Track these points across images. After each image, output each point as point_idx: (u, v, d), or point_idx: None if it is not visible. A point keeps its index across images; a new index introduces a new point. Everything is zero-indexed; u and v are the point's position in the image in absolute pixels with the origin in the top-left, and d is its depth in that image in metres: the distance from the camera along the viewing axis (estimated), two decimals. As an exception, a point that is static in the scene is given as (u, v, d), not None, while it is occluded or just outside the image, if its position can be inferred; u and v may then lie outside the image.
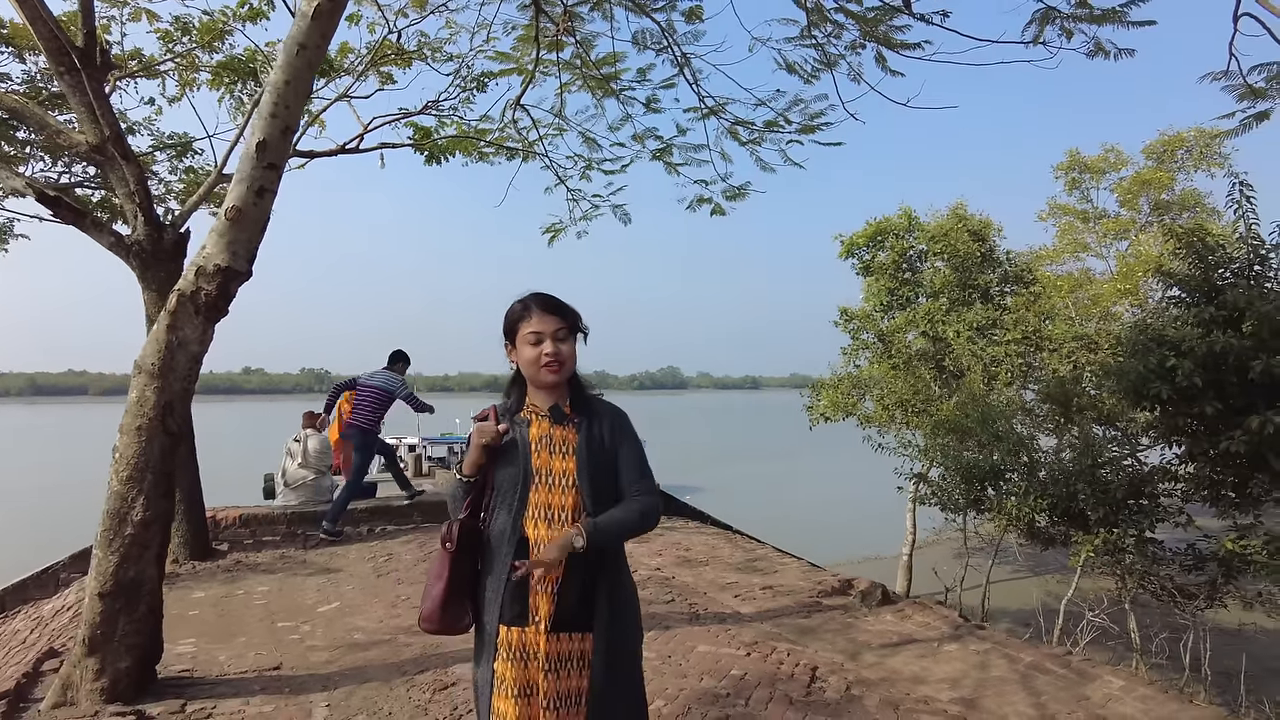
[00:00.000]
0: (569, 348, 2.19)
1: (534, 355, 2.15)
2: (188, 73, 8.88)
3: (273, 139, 4.08)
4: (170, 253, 6.94)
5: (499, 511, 2.14)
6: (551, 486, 2.12)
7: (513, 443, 2.16)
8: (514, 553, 2.07)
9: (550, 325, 2.16)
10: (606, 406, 2.29)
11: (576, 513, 2.11)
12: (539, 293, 2.24)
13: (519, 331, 2.19)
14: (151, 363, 3.92)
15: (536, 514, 2.10)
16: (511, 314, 2.23)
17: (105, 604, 3.84)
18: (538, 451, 2.15)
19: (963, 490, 10.92)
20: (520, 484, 2.12)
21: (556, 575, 2.06)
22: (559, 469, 2.13)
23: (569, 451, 2.16)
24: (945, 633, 5.22)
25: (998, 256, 15.66)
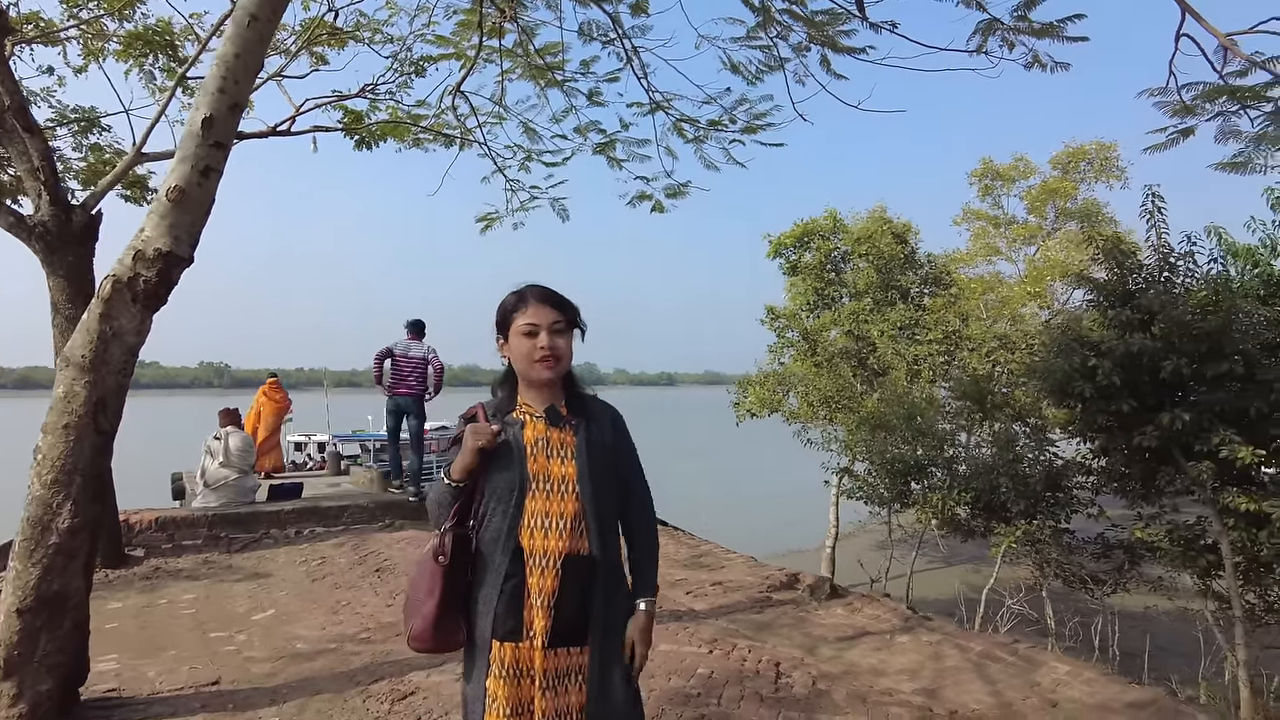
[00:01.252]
0: (566, 343, 2.05)
1: (528, 349, 2.01)
2: (94, 41, 8.24)
3: (220, 115, 3.80)
4: (80, 236, 6.40)
5: (491, 519, 1.99)
6: (550, 493, 1.97)
7: (506, 445, 2.00)
8: (508, 562, 1.93)
9: (547, 317, 2.02)
10: (603, 407, 2.17)
11: (576, 521, 1.97)
12: (536, 284, 2.09)
13: (512, 323, 2.04)
14: (82, 355, 3.58)
15: (533, 522, 1.96)
16: (505, 305, 2.08)
17: (25, 621, 3.48)
18: (534, 455, 1.99)
19: (888, 485, 11.28)
20: (516, 490, 1.96)
21: (553, 588, 1.93)
22: (558, 474, 1.99)
23: (568, 456, 2.01)
24: (896, 625, 5.34)
25: (919, 258, 16.28)
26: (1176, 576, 8.73)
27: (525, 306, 2.04)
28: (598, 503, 2.00)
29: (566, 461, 2.00)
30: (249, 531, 7.48)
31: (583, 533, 1.97)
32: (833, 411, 14.67)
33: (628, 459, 2.15)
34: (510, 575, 1.93)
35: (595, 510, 1.99)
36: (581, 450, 2.02)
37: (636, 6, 7.22)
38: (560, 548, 1.94)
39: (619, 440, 2.12)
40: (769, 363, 17.25)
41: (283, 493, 8.57)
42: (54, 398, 3.60)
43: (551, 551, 1.93)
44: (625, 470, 2.12)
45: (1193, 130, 5.53)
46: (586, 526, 1.97)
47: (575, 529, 1.96)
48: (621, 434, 2.15)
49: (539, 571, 1.92)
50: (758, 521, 21.09)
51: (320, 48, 7.98)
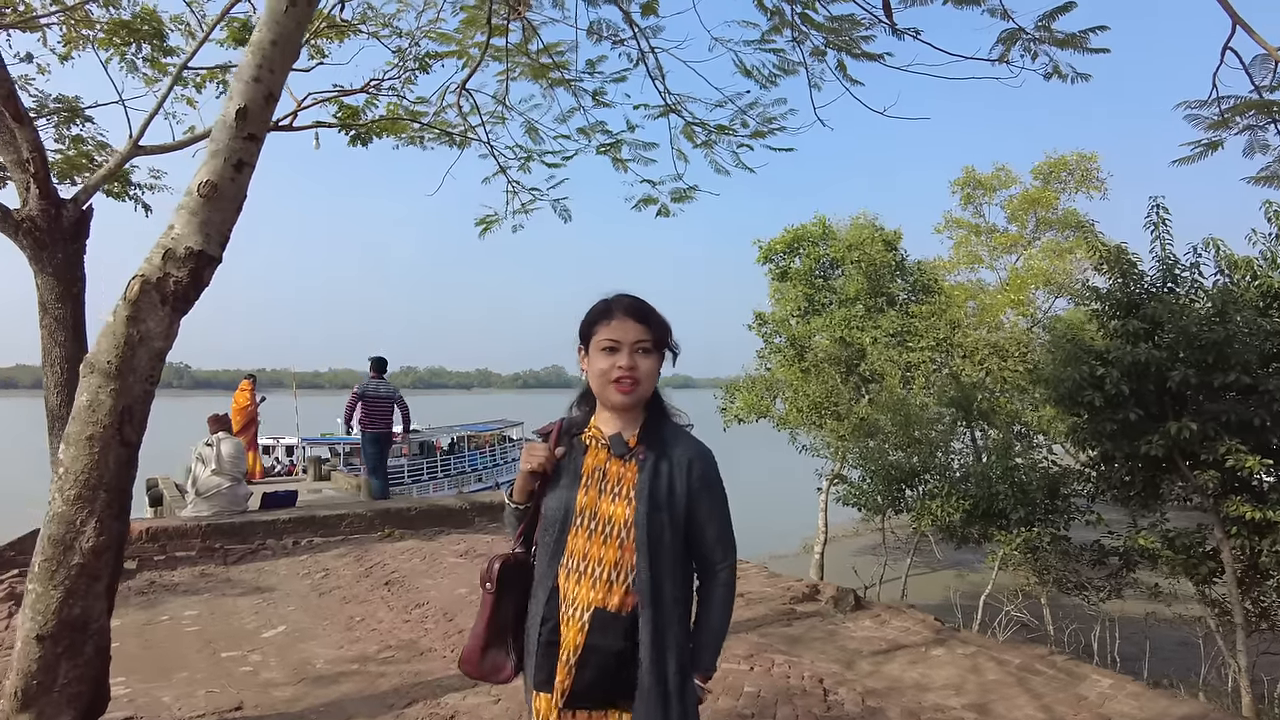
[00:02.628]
0: (650, 365, 1.77)
1: (605, 367, 1.75)
2: (76, 28, 7.87)
3: (255, 106, 3.58)
4: (70, 232, 6.09)
5: (541, 552, 1.81)
6: (592, 534, 1.72)
7: (566, 470, 1.79)
8: (545, 604, 1.74)
9: (631, 334, 1.75)
10: (687, 444, 1.82)
11: (617, 570, 1.69)
12: (626, 294, 1.84)
13: (594, 335, 1.80)
14: (107, 361, 3.33)
15: (570, 563, 1.73)
16: (590, 313, 1.84)
17: (45, 648, 3.23)
18: (586, 487, 1.76)
19: (882, 491, 11.28)
20: (559, 523, 1.75)
21: (577, 643, 1.69)
22: (605, 514, 1.73)
23: (622, 494, 1.74)
24: (928, 637, 5.26)
25: (907, 266, 16.39)
26: (1176, 583, 8.82)
27: (609, 319, 1.78)
28: (651, 556, 1.70)
29: (618, 500, 1.73)
30: (245, 542, 7.17)
31: (626, 588, 1.70)
32: (822, 417, 14.68)
33: (712, 514, 1.80)
34: (547, 619, 1.74)
35: (647, 563, 1.69)
36: (642, 491, 1.73)
37: (647, 7, 7.09)
38: (591, 599, 1.69)
39: (701, 487, 1.78)
40: (756, 368, 17.24)
41: (276, 501, 8.26)
42: (77, 406, 3.35)
43: (581, 601, 1.70)
44: (708, 528, 1.79)
45: (1221, 143, 5.55)
46: (634, 581, 1.69)
47: (615, 580, 1.70)
48: (706, 481, 1.80)
49: (567, 621, 1.71)
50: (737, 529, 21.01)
51: (319, 40, 7.71)
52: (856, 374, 15.43)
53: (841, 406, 14.50)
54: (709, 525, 1.81)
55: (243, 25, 7.44)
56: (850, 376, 15.44)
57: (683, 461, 1.79)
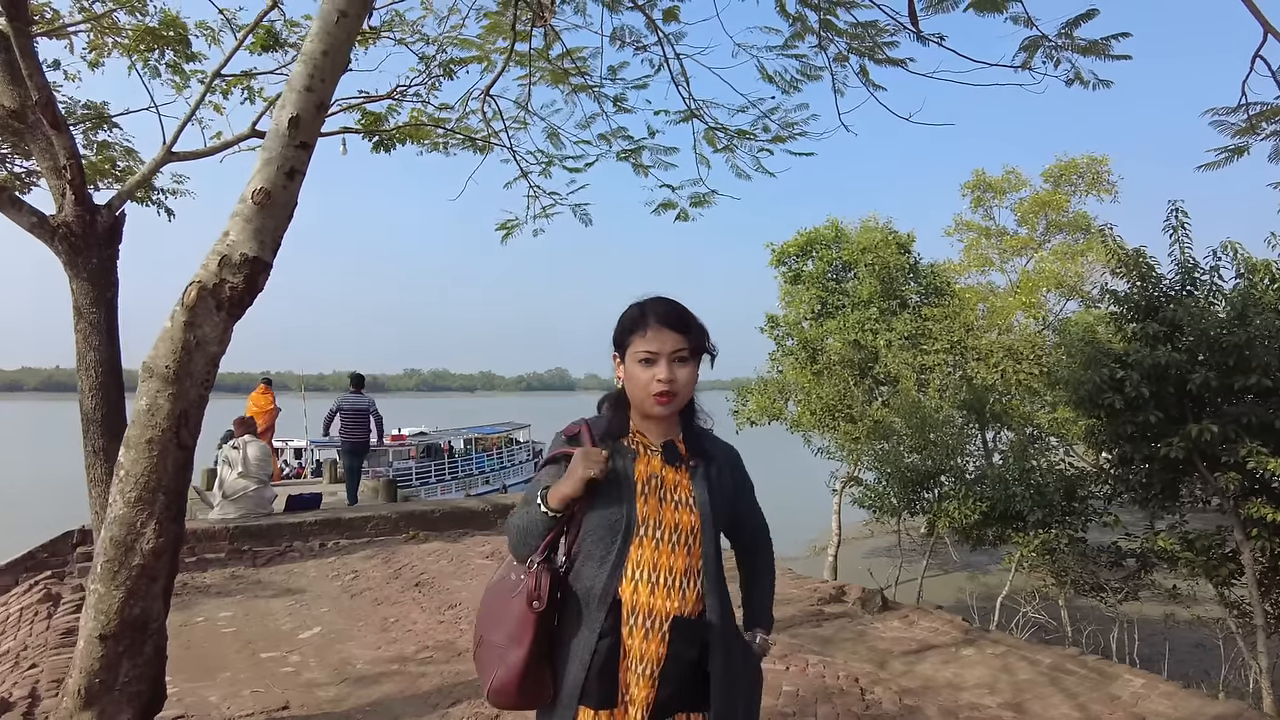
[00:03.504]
0: (688, 373, 1.76)
1: (644, 380, 1.73)
2: (102, 36, 7.95)
3: (306, 115, 3.63)
4: (105, 237, 6.14)
5: (587, 563, 1.71)
6: (660, 543, 1.70)
7: (613, 478, 1.72)
8: (604, 618, 1.66)
9: (669, 344, 1.72)
10: (724, 448, 1.91)
11: (687, 577, 1.70)
12: (661, 299, 1.81)
13: (630, 345, 1.76)
14: (165, 365, 3.40)
15: (638, 574, 1.68)
16: (625, 320, 1.80)
17: (107, 647, 3.29)
18: (645, 496, 1.73)
19: (898, 493, 11.32)
20: (621, 534, 1.69)
21: (659, 654, 1.66)
22: (670, 521, 1.72)
23: (683, 502, 1.75)
24: (958, 637, 5.31)
25: (920, 269, 16.44)
26: (1195, 585, 8.85)
27: (644, 330, 1.75)
28: (718, 560, 1.77)
29: (681, 508, 1.74)
30: (272, 544, 7.24)
31: (698, 593, 1.72)
32: (834, 420, 14.72)
33: (752, 508, 1.96)
34: (606, 633, 1.66)
35: (715, 568, 1.74)
36: (703, 499, 1.76)
37: (668, 13, 7.15)
38: (669, 608, 1.67)
39: (742, 487, 1.92)
40: (769, 370, 17.29)
41: (301, 503, 8.32)
42: (136, 410, 3.41)
43: (659, 612, 1.67)
44: (745, 515, 1.93)
45: (1247, 149, 5.60)
46: (703, 586, 1.72)
47: (687, 587, 1.70)
48: (741, 479, 1.92)
49: (642, 633, 1.66)
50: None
51: (346, 47, 7.77)
52: (870, 376, 15.47)
53: (855, 409, 14.54)
54: (751, 517, 1.96)
55: (268, 32, 7.52)
56: (863, 379, 15.48)
57: (726, 465, 1.86)
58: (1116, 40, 5.29)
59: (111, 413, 5.87)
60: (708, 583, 1.73)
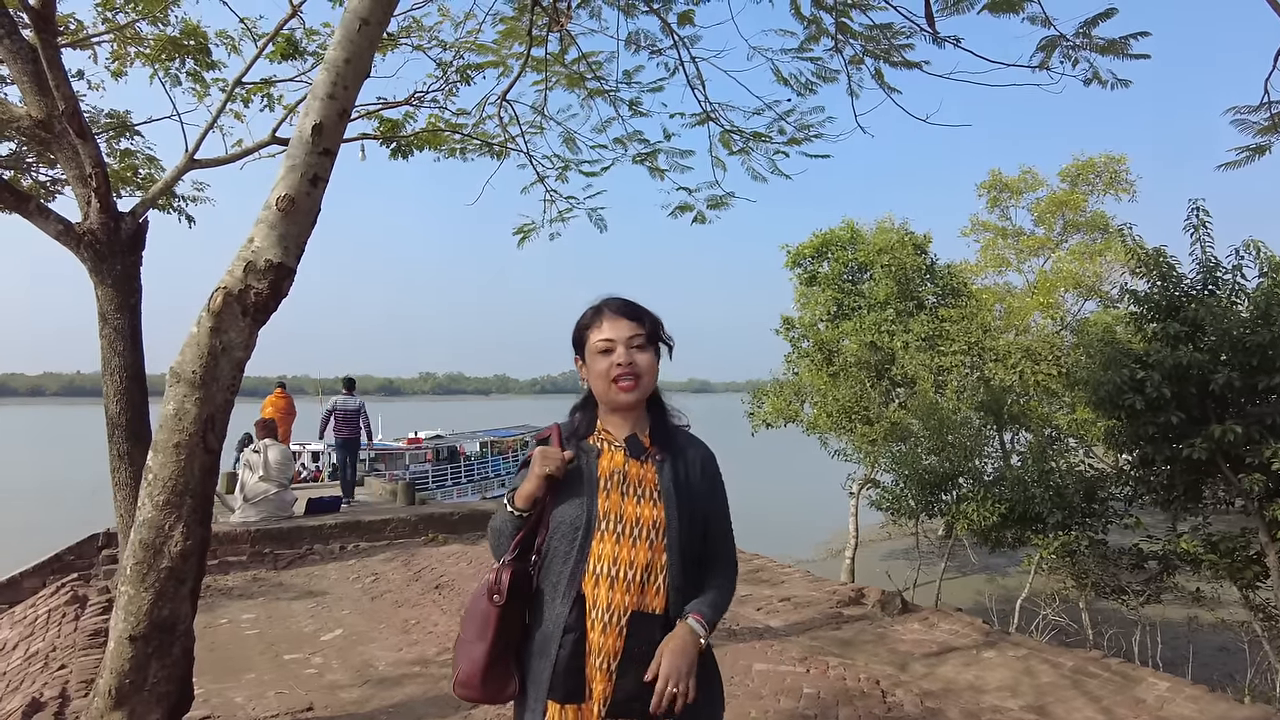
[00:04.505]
0: (647, 359, 1.79)
1: (605, 367, 1.77)
2: (125, 45, 8.07)
3: (329, 122, 3.68)
4: (128, 245, 6.23)
5: (553, 560, 1.74)
6: (620, 537, 1.70)
7: (577, 475, 1.76)
8: (569, 613, 1.68)
9: (623, 331, 1.78)
10: (694, 442, 1.89)
11: (649, 573, 1.70)
12: (614, 296, 1.87)
13: (588, 340, 1.81)
14: (192, 370, 3.45)
15: (598, 569, 1.69)
16: (581, 321, 1.86)
17: (137, 648, 3.34)
18: (606, 491, 1.74)
19: (916, 495, 11.26)
20: (582, 530, 1.71)
21: (616, 649, 1.67)
22: (631, 515, 1.72)
23: (646, 495, 1.75)
24: (979, 639, 5.28)
25: (937, 269, 16.35)
26: (1219, 588, 8.75)
27: (601, 321, 1.81)
28: (684, 555, 1.74)
29: (643, 501, 1.74)
30: (293, 547, 7.31)
31: (658, 589, 1.71)
32: (851, 422, 14.67)
33: (718, 512, 1.86)
34: (570, 628, 1.68)
35: (681, 563, 1.72)
36: (668, 491, 1.75)
37: (683, 16, 7.18)
38: (626, 603, 1.68)
39: (712, 486, 1.85)
40: (784, 372, 17.25)
41: (321, 506, 8.39)
42: (163, 415, 3.46)
43: (616, 606, 1.68)
44: (713, 524, 1.83)
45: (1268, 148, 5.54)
46: (664, 582, 1.71)
47: (647, 582, 1.70)
48: (713, 478, 1.86)
49: (600, 628, 1.67)
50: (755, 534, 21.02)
51: (363, 54, 7.85)
52: (887, 378, 15.40)
53: (871, 411, 14.48)
54: (719, 522, 1.86)
55: (288, 40, 7.60)
56: (880, 381, 15.42)
57: (695, 460, 1.84)
58: (1135, 39, 5.27)
59: (135, 417, 5.94)
60: (673, 579, 1.72)
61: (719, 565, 1.85)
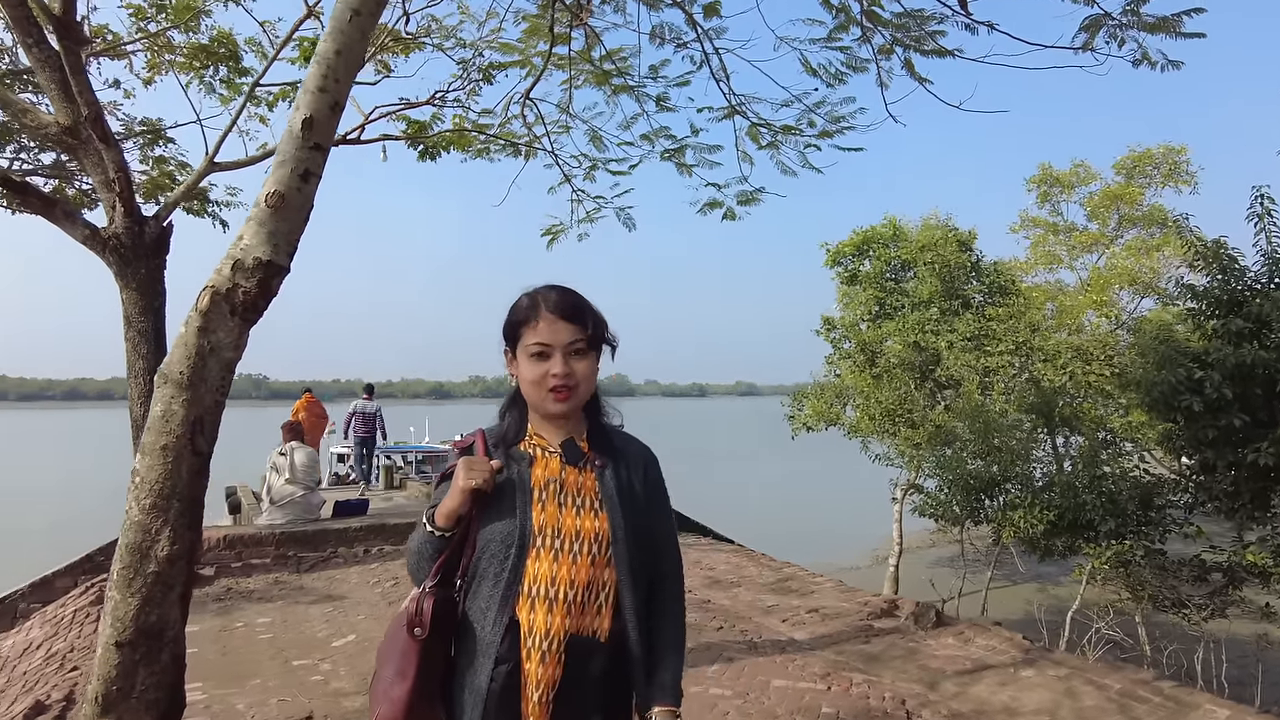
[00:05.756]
0: (586, 367, 1.60)
1: (538, 375, 1.57)
2: (159, 54, 8.20)
3: (320, 116, 3.55)
4: (152, 248, 6.29)
5: (482, 582, 1.55)
6: (559, 553, 1.53)
7: (507, 487, 1.57)
8: (500, 642, 1.49)
9: (563, 336, 1.57)
10: (635, 445, 1.72)
11: (589, 591, 1.53)
12: (554, 287, 1.64)
13: (521, 338, 1.60)
14: (180, 371, 3.36)
15: (535, 590, 1.51)
16: (515, 311, 1.63)
17: (124, 654, 3.25)
18: (542, 503, 1.56)
19: (960, 501, 10.83)
20: (515, 547, 1.53)
21: (553, 678, 1.50)
22: (570, 528, 1.54)
23: (586, 505, 1.57)
24: (1017, 657, 4.96)
25: (983, 267, 15.79)
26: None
27: (536, 321, 1.59)
28: (633, 571, 1.57)
29: (584, 513, 1.57)
30: (317, 550, 7.30)
31: (601, 608, 1.55)
32: (895, 425, 14.22)
33: (661, 516, 1.69)
34: (503, 659, 1.50)
35: (630, 580, 1.56)
36: (611, 500, 1.58)
37: (709, 8, 6.99)
38: (565, 626, 1.51)
39: (656, 491, 1.68)
40: (825, 374, 16.85)
41: (348, 509, 8.39)
42: (151, 417, 3.38)
43: (556, 631, 1.50)
44: (657, 529, 1.66)
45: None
46: (608, 601, 1.56)
47: (587, 602, 1.53)
48: (655, 483, 1.69)
49: (538, 656, 1.50)
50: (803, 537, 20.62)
51: (386, 55, 7.84)
52: (931, 380, 14.91)
53: (916, 413, 14.03)
54: (663, 530, 1.69)
55: (312, 44, 7.63)
56: (925, 382, 14.93)
57: (638, 464, 1.68)
58: (1189, 16, 4.90)
59: (159, 419, 5.95)
60: (625, 597, 1.56)
61: (668, 585, 1.68)
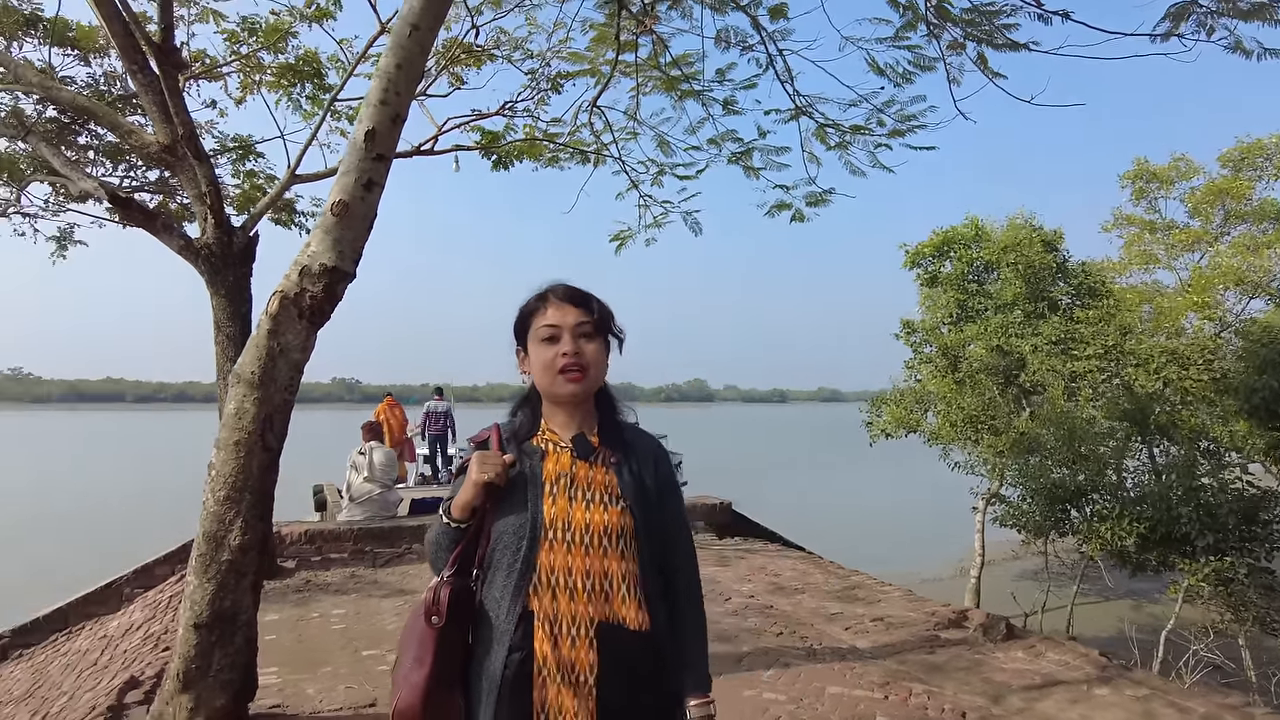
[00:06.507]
0: (595, 350, 1.66)
1: (549, 357, 1.64)
2: (250, 74, 8.69)
3: (382, 128, 3.76)
4: (239, 257, 6.68)
5: (496, 573, 1.60)
6: (571, 545, 1.57)
7: (520, 480, 1.62)
8: (514, 631, 1.54)
9: (570, 317, 1.65)
10: (646, 439, 1.78)
11: (608, 580, 1.57)
12: (560, 282, 1.73)
13: (531, 327, 1.69)
14: (251, 371, 3.58)
15: (552, 581, 1.55)
16: (524, 307, 1.72)
17: (200, 636, 3.49)
18: (553, 496, 1.61)
19: (1043, 511, 10.38)
20: (526, 539, 1.57)
21: (590, 662, 1.52)
22: (581, 521, 1.59)
23: (596, 498, 1.62)
24: (1091, 674, 4.73)
25: (1070, 267, 15.09)
26: None
27: (545, 307, 1.68)
28: (649, 561, 1.63)
29: (594, 506, 1.61)
30: (392, 546, 7.57)
31: (625, 598, 1.58)
32: (977, 432, 13.72)
33: (678, 513, 1.73)
34: (516, 646, 1.54)
35: (653, 570, 1.62)
36: (630, 492, 1.64)
37: (776, 10, 6.96)
38: (589, 613, 1.55)
39: (667, 485, 1.72)
40: (905, 379, 16.39)
41: (424, 507, 8.67)
42: (225, 414, 3.63)
43: (581, 617, 1.54)
44: (670, 522, 1.70)
45: None
46: (631, 591, 1.59)
47: (610, 591, 1.57)
48: (666, 476, 1.73)
49: (567, 642, 1.53)
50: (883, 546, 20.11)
51: (458, 68, 8.11)
52: (1016, 385, 14.32)
53: (999, 420, 13.50)
54: (676, 524, 1.72)
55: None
56: (1009, 388, 14.35)
57: (648, 459, 1.72)
58: (1288, 1, 4.62)
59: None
60: (650, 587, 1.61)
61: (682, 575, 1.71)
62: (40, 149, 7.14)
